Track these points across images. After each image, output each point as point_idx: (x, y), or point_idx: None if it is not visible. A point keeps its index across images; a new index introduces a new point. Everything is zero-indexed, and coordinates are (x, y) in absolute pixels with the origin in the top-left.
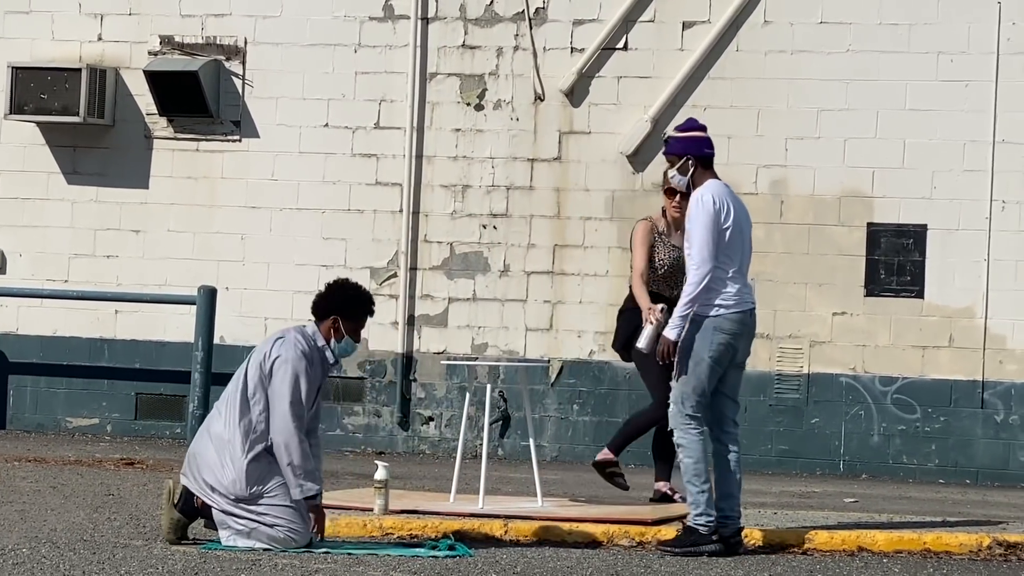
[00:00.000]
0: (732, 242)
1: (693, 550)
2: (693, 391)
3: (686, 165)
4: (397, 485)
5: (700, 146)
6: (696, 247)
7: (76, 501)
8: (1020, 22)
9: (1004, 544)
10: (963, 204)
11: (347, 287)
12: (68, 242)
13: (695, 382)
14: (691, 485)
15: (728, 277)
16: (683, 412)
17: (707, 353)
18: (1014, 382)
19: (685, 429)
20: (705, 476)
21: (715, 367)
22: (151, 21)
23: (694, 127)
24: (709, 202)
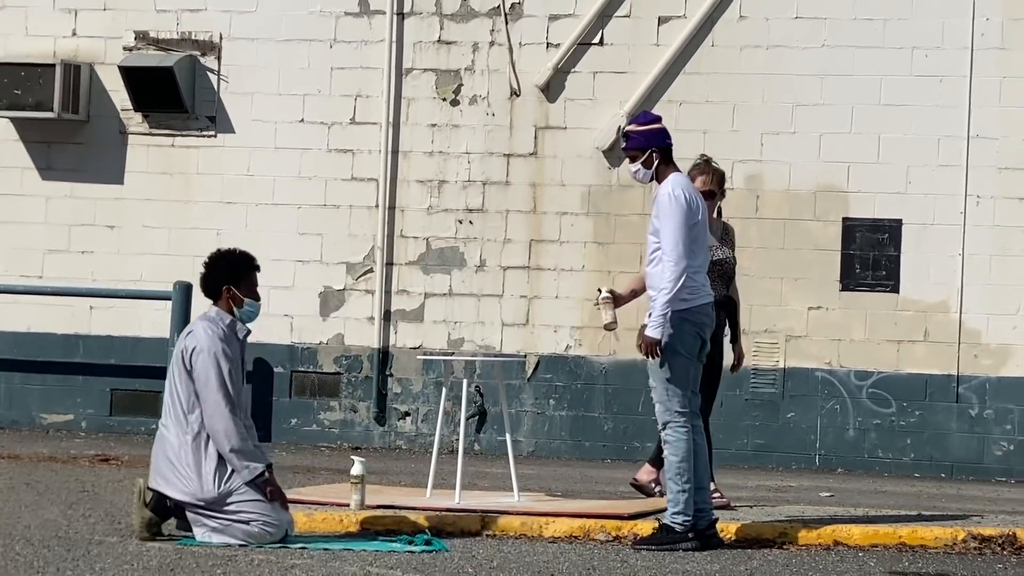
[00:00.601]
0: (699, 237)
1: (669, 548)
2: (678, 387)
3: (650, 158)
4: (373, 480)
5: (662, 137)
6: (670, 244)
7: (50, 497)
8: (994, 17)
9: (979, 538)
10: (938, 199)
11: (223, 257)
12: (43, 238)
13: (677, 378)
14: (672, 483)
15: (694, 271)
16: (671, 409)
17: (681, 347)
18: (989, 376)
19: (674, 427)
20: (687, 476)
21: (690, 359)
22: (126, 16)
23: (652, 120)
24: (682, 198)
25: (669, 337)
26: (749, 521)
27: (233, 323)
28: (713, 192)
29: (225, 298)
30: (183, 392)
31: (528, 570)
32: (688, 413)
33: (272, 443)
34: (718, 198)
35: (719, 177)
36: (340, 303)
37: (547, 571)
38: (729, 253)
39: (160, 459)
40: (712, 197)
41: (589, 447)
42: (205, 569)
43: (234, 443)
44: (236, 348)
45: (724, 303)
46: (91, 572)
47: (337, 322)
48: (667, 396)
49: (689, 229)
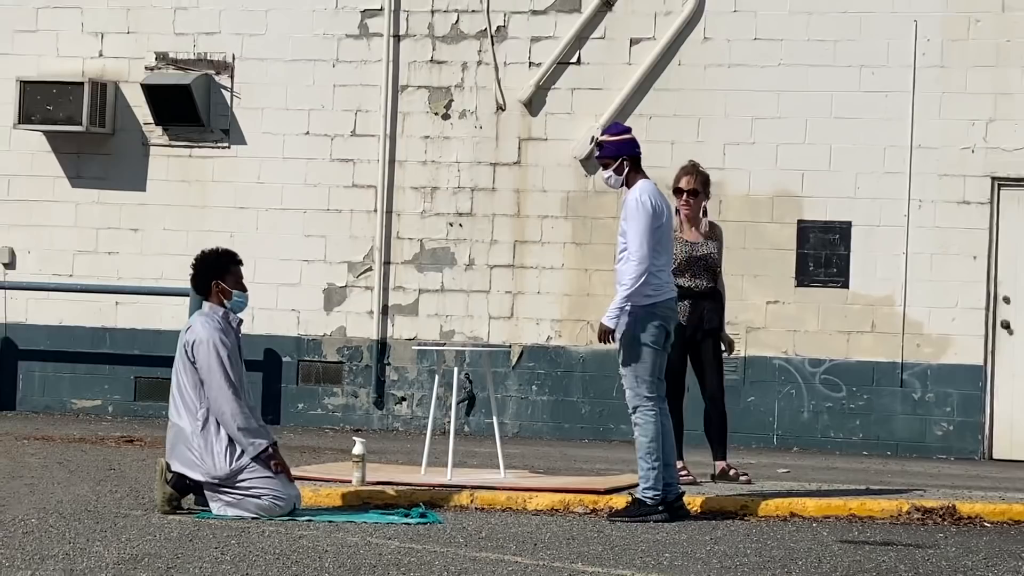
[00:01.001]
0: (662, 238)
1: (641, 519)
2: (647, 375)
3: (621, 166)
4: (373, 459)
5: (632, 147)
6: (635, 245)
7: (81, 475)
8: (934, 38)
9: (922, 509)
10: (884, 203)
11: (206, 257)
12: (72, 240)
13: (646, 367)
14: (643, 461)
15: (658, 270)
16: (640, 395)
17: (648, 339)
18: (930, 363)
19: (644, 410)
20: (657, 454)
21: (656, 349)
22: (148, 39)
23: (623, 130)
24: (647, 203)
25: (637, 329)
26: (713, 495)
27: (226, 314)
28: (696, 191)
29: (215, 293)
30: (189, 382)
31: (514, 540)
32: (656, 398)
33: (281, 426)
34: (702, 198)
35: (703, 179)
36: (342, 299)
37: (531, 541)
38: (713, 248)
39: (175, 445)
40: (696, 196)
41: (568, 428)
42: (221, 539)
43: (239, 422)
44: (232, 336)
45: (709, 294)
46: (118, 542)
47: (339, 316)
48: (636, 383)
49: (653, 232)
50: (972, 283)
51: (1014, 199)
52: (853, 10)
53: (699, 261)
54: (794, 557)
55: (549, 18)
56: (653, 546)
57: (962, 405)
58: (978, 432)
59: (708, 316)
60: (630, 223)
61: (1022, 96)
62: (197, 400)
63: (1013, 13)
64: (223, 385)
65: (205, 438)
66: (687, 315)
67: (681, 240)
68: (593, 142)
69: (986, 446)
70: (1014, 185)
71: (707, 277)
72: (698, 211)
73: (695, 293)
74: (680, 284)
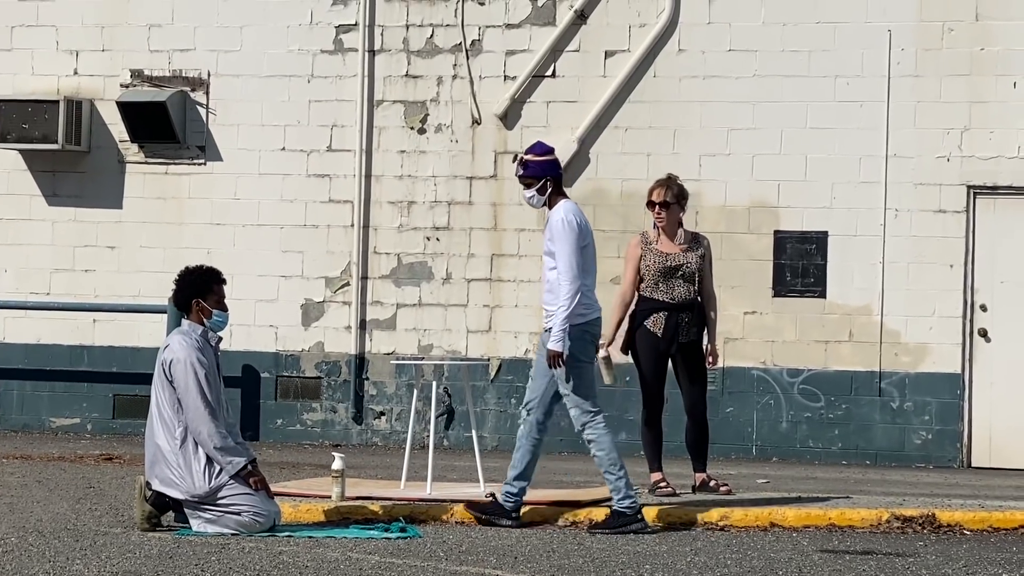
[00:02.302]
0: (589, 258)
1: (622, 530)
2: (586, 390)
3: (545, 185)
4: (352, 474)
5: (556, 167)
6: (565, 266)
7: (60, 494)
8: (908, 48)
9: (901, 518)
10: (860, 213)
11: (189, 273)
12: (49, 258)
13: (584, 383)
14: (609, 474)
15: (588, 289)
16: (586, 411)
17: (583, 355)
18: (908, 372)
19: (592, 426)
20: (620, 463)
21: (591, 365)
22: (122, 56)
23: (547, 150)
24: (574, 223)
25: (573, 348)
26: (694, 506)
27: (205, 332)
28: (668, 203)
29: (195, 311)
30: (167, 401)
31: (494, 553)
32: (599, 411)
33: (260, 442)
34: (676, 210)
35: (677, 191)
36: (320, 314)
37: (511, 554)
38: (692, 259)
39: (154, 463)
40: (668, 208)
41: (547, 442)
42: (201, 556)
43: (216, 442)
44: (210, 354)
45: (687, 305)
46: (97, 560)
47: (317, 331)
48: (580, 401)
49: (581, 251)
50: (949, 291)
51: (990, 207)
52: (827, 20)
53: (674, 272)
54: (774, 567)
55: (524, 31)
56: (633, 558)
57: (940, 413)
58: (956, 440)
59: (685, 328)
60: (558, 244)
61: (997, 104)
62: (175, 418)
63: (986, 22)
64: (199, 405)
65: (184, 456)
66: (662, 327)
67: (656, 252)
68: (517, 161)
69: (965, 454)
70: (989, 193)
71: (684, 288)
72: (673, 223)
73: (670, 305)
74: (654, 297)
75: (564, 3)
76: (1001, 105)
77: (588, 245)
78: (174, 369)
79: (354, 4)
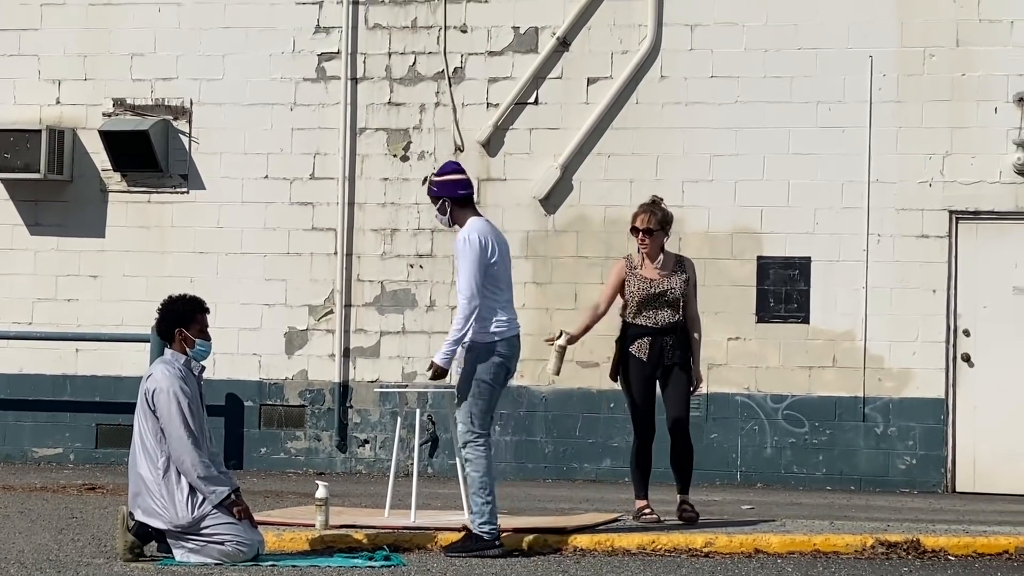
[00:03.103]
0: (499, 274)
1: (478, 554)
2: (480, 411)
3: (444, 206)
4: (336, 502)
5: (455, 188)
6: (464, 283)
7: (42, 524)
8: (890, 73)
9: (886, 544)
10: (843, 238)
11: (173, 303)
12: (32, 287)
13: (481, 403)
14: (477, 497)
15: (499, 306)
16: (472, 431)
17: (487, 376)
18: (891, 397)
19: (474, 446)
20: (490, 489)
21: (495, 387)
22: (105, 85)
23: (451, 171)
24: (476, 241)
25: (476, 365)
26: (678, 532)
27: (188, 361)
28: (651, 230)
29: (178, 340)
30: (150, 430)
31: None
32: (486, 435)
33: (243, 470)
34: (660, 235)
35: (661, 216)
36: (304, 342)
37: None
38: (675, 284)
39: (138, 494)
40: (651, 234)
41: (532, 468)
42: None
43: (199, 471)
44: (193, 384)
45: (670, 329)
46: None
47: (301, 359)
48: (469, 419)
49: (484, 269)
50: (932, 316)
51: (972, 232)
52: (808, 46)
53: (658, 298)
54: None
55: (506, 59)
56: None
57: (924, 439)
58: (940, 465)
59: (669, 352)
60: (459, 261)
61: (978, 129)
62: (158, 448)
63: (967, 47)
64: (182, 435)
65: (167, 486)
66: (647, 352)
67: (640, 278)
68: (425, 181)
69: (949, 479)
70: (972, 218)
71: (668, 313)
72: (656, 249)
73: (653, 330)
74: (637, 322)
75: (546, 30)
76: (982, 130)
77: (496, 263)
78: (157, 399)
79: (336, 32)
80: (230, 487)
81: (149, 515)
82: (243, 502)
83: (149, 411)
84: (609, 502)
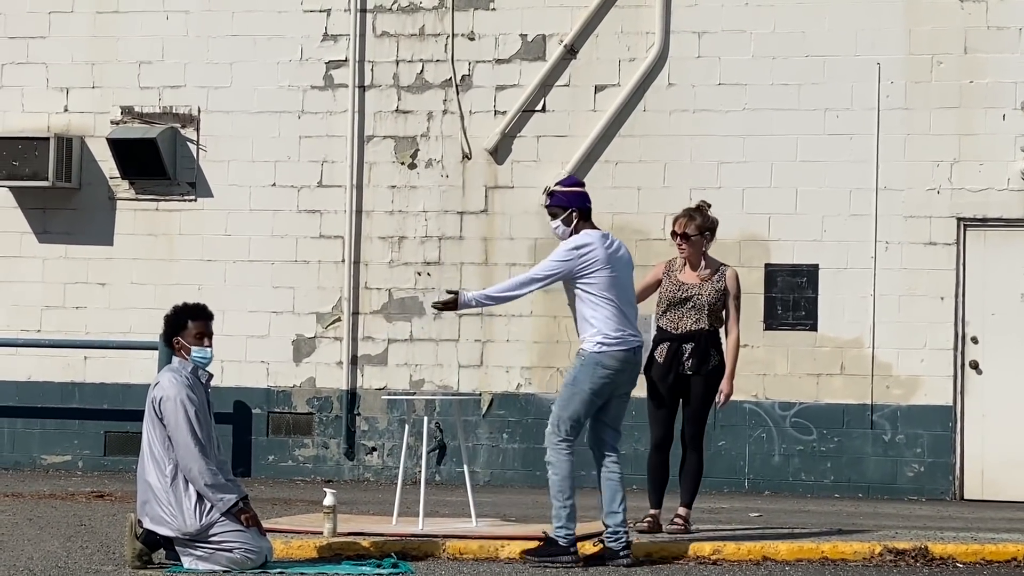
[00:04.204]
0: (613, 285)
1: (550, 560)
2: (569, 417)
3: (570, 217)
4: (344, 510)
5: (583, 200)
6: (540, 268)
7: (51, 531)
8: (898, 80)
9: (894, 551)
10: (850, 245)
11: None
12: (40, 295)
13: (572, 409)
14: (555, 500)
15: (609, 317)
16: (558, 435)
17: (588, 385)
18: (900, 404)
19: (557, 450)
20: (568, 493)
21: (594, 399)
22: (112, 93)
23: (576, 183)
24: (573, 246)
25: (581, 373)
26: (685, 540)
27: (195, 369)
28: (687, 235)
29: (177, 349)
30: (157, 438)
31: None
32: (573, 441)
33: (251, 478)
34: (699, 240)
35: (699, 222)
36: (311, 350)
37: None
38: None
39: (146, 502)
40: (687, 240)
41: (540, 476)
42: None
43: (207, 479)
44: (200, 392)
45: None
46: None
47: (309, 367)
48: (558, 422)
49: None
50: (940, 324)
51: (980, 239)
52: (816, 54)
53: (683, 303)
54: None
55: (514, 66)
56: None
57: (932, 446)
58: (949, 473)
59: (687, 359)
60: (553, 252)
61: (986, 136)
62: (165, 456)
63: (975, 55)
64: (189, 443)
65: (175, 493)
66: (664, 357)
67: (673, 280)
68: (545, 191)
69: (957, 487)
70: (980, 225)
71: (691, 319)
72: (696, 254)
73: (673, 335)
74: (661, 326)
75: (554, 38)
76: (991, 137)
77: (611, 272)
78: (164, 407)
79: (344, 40)
80: (238, 495)
81: (157, 523)
82: (251, 509)
83: (156, 419)
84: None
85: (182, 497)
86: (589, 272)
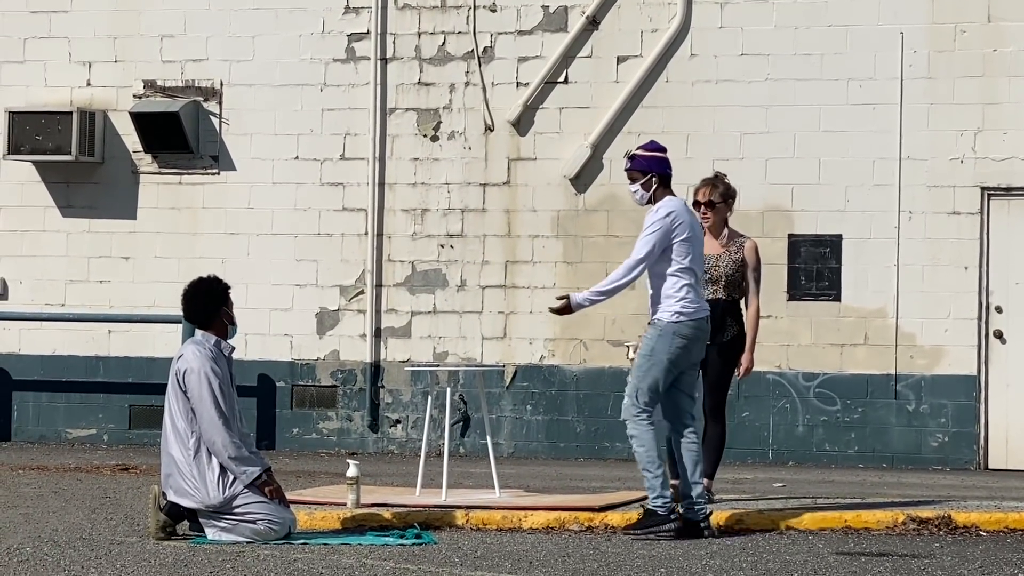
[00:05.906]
0: (690, 255)
1: (655, 530)
2: (648, 388)
3: (650, 182)
4: (368, 482)
5: (663, 165)
6: (638, 248)
7: (75, 504)
8: (921, 50)
9: (917, 520)
10: (874, 215)
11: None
12: (64, 269)
13: (651, 380)
14: (647, 472)
15: (686, 284)
16: (637, 406)
17: (665, 355)
18: (923, 375)
19: (636, 421)
20: (658, 462)
21: (671, 368)
22: (135, 67)
23: (658, 148)
24: (663, 214)
25: (658, 343)
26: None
27: (218, 343)
28: (713, 203)
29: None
30: (181, 411)
31: (509, 559)
32: (652, 411)
33: (276, 451)
34: (722, 209)
35: (722, 190)
36: (335, 322)
37: (526, 559)
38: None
39: (170, 474)
40: (712, 207)
41: (563, 447)
42: (216, 564)
43: (231, 452)
44: (224, 364)
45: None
46: (112, 569)
47: (332, 340)
48: (635, 392)
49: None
50: (964, 293)
51: (1004, 208)
52: (839, 24)
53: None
54: (790, 570)
55: (536, 38)
56: (648, 562)
57: (956, 416)
58: (973, 442)
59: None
60: (644, 230)
61: (1010, 105)
62: (188, 428)
63: (999, 23)
64: (213, 415)
65: (198, 466)
66: None
67: None
68: (626, 155)
69: (981, 456)
70: (1003, 195)
71: (708, 290)
72: (719, 222)
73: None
74: None
75: (576, 9)
76: (1015, 106)
77: (690, 242)
78: (188, 379)
79: (366, 13)
80: (261, 467)
81: (181, 495)
82: (275, 482)
83: (180, 392)
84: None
85: (205, 469)
86: (677, 238)
